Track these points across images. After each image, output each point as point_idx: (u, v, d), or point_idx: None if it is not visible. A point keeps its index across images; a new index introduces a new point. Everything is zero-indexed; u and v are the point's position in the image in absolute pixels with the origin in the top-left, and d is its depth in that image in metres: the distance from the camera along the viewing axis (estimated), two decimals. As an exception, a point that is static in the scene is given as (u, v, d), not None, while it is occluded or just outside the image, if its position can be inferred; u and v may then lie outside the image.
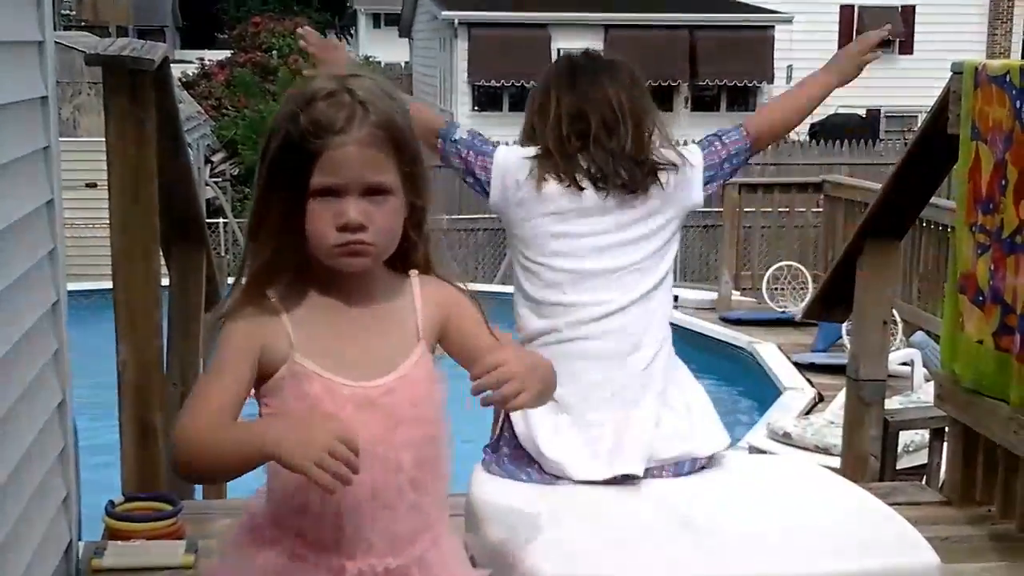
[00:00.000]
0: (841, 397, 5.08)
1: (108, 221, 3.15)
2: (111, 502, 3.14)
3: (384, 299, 1.75)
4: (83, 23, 36.57)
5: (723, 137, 2.78)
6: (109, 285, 3.18)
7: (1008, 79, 2.96)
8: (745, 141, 2.77)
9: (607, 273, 2.62)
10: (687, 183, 2.69)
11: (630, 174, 2.61)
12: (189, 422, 1.63)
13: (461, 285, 1.81)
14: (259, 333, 1.68)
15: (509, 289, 2.80)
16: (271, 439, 1.54)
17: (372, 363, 1.70)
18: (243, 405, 1.68)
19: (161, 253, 3.37)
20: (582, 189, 2.61)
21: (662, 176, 2.64)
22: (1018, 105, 2.89)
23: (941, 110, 3.41)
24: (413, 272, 1.78)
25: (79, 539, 3.00)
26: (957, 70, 3.28)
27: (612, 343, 2.61)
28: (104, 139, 3.10)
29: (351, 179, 1.63)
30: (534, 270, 2.65)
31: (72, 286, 3.00)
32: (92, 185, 10.33)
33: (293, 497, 1.66)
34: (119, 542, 3.02)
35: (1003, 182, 2.96)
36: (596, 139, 2.63)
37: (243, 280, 1.71)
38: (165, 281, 3.53)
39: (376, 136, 1.64)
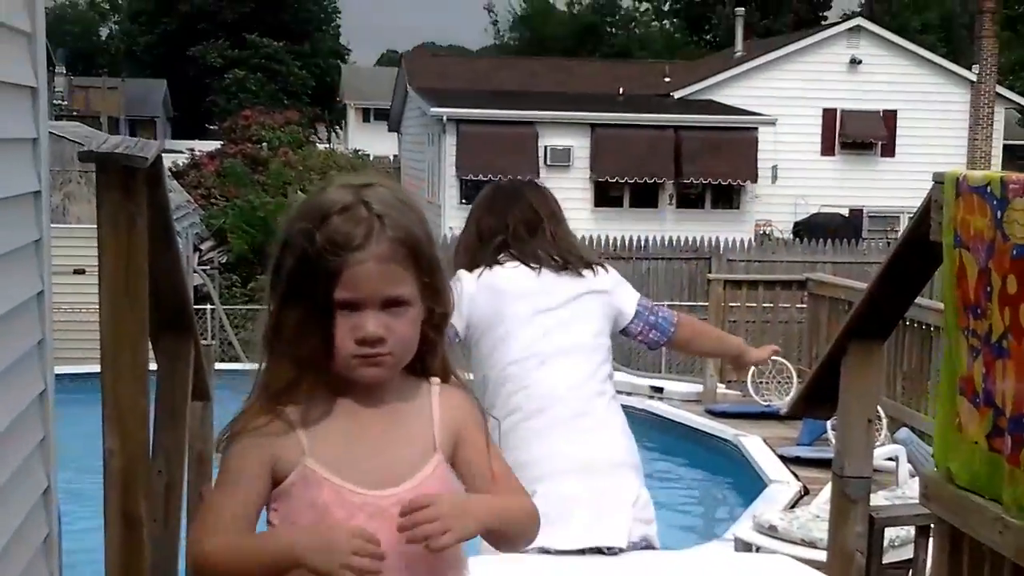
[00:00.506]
0: (827, 491, 5.06)
1: (96, 307, 3.17)
2: (93, 592, 3.10)
3: (401, 406, 1.72)
4: (75, 113, 36.94)
5: (659, 305, 3.05)
6: (95, 369, 3.18)
7: (989, 189, 3.01)
8: (673, 320, 3.01)
9: (560, 351, 2.78)
10: (622, 286, 2.92)
11: (562, 257, 2.85)
12: (208, 540, 1.61)
13: (475, 399, 1.78)
14: (273, 448, 1.65)
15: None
16: (295, 546, 1.54)
17: (385, 472, 1.67)
18: (258, 517, 1.66)
19: (150, 342, 3.38)
20: (531, 269, 2.85)
21: (596, 267, 2.89)
22: (999, 215, 2.94)
23: (923, 217, 3.46)
24: (434, 380, 1.75)
25: (59, 630, 2.97)
26: (939, 180, 3.33)
27: (575, 417, 2.75)
28: (95, 229, 3.13)
29: (370, 293, 1.61)
30: (495, 355, 2.81)
31: (58, 370, 3.02)
32: (80, 271, 10.38)
33: None
34: (99, 634, 2.98)
35: (988, 289, 3.00)
36: (515, 233, 2.88)
37: (259, 394, 1.68)
38: (153, 366, 3.54)
39: (395, 250, 1.63)
